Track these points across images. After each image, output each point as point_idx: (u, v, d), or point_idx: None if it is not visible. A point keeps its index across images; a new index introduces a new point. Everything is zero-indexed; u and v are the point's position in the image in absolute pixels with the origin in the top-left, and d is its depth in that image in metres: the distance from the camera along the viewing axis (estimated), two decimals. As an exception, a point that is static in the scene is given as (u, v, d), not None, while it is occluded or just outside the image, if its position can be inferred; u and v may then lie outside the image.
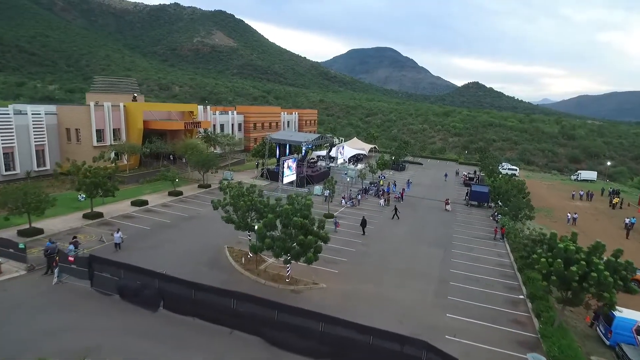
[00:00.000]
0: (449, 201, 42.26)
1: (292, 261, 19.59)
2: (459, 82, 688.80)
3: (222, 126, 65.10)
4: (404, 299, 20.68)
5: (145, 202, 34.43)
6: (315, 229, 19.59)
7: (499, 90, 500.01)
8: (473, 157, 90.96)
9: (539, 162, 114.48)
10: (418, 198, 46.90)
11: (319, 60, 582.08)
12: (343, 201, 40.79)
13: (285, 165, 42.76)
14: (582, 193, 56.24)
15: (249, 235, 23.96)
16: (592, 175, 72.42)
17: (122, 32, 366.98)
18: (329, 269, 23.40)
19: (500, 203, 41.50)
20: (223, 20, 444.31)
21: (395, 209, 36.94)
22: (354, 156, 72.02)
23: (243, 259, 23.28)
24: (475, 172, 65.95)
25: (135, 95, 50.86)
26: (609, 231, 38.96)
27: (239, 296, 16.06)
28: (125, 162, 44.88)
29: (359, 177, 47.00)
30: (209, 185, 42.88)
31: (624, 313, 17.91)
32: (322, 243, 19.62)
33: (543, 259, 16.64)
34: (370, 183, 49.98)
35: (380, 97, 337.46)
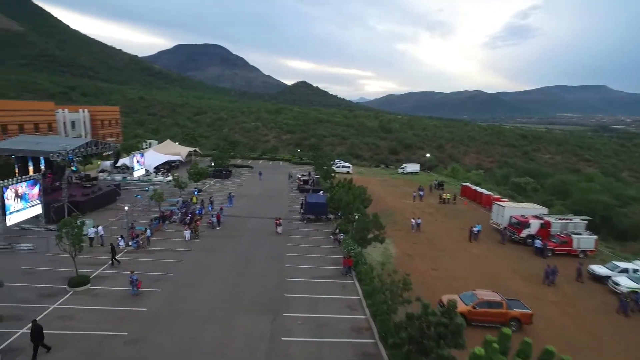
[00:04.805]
0: (280, 221, 31.97)
1: None
2: (289, 82, 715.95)
3: None
4: None
5: None
6: None
7: (324, 90, 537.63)
8: (306, 155, 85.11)
9: (365, 156, 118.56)
10: (242, 217, 35.45)
11: (143, 55, 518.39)
12: (121, 242, 26.05)
13: (9, 193, 25.24)
14: (422, 193, 49.16)
15: None
16: (415, 167, 74.13)
17: None
18: None
19: (340, 215, 33.49)
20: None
21: (113, 249, 23.12)
22: (165, 164, 56.18)
23: None
24: (309, 173, 58.65)
25: None
26: (452, 234, 35.03)
27: None
28: None
29: (153, 198, 32.52)
30: None
31: None
32: None
33: None
34: (180, 202, 36.07)
35: (211, 95, 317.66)
